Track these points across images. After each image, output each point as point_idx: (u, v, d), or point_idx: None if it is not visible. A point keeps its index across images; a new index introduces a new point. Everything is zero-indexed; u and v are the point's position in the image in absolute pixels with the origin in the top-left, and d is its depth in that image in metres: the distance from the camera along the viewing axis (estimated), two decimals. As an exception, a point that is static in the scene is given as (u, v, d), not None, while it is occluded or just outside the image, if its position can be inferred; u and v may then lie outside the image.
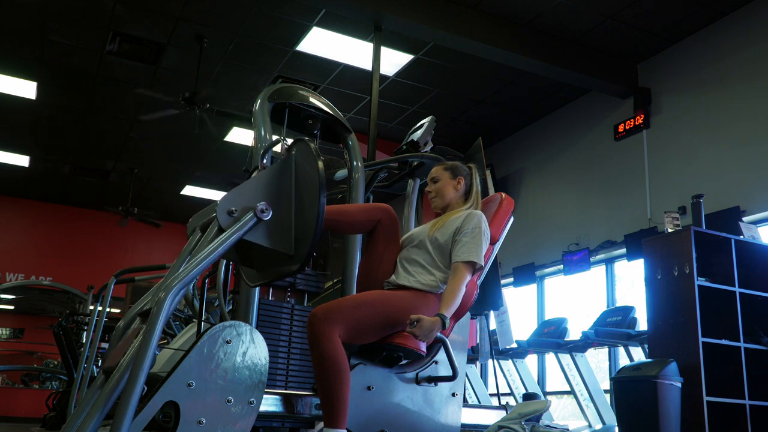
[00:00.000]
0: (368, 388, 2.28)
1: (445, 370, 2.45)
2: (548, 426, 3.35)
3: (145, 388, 1.62)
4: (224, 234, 1.82)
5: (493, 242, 2.52)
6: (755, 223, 5.30)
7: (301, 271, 1.96)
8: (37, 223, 11.27)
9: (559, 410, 7.12)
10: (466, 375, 5.55)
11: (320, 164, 1.92)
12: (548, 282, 7.68)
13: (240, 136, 8.52)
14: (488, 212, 2.62)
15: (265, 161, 2.19)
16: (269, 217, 1.86)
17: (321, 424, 2.13)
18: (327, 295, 3.04)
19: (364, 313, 2.17)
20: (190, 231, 2.05)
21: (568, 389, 5.54)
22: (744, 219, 5.15)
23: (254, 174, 1.99)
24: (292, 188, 1.99)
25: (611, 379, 5.07)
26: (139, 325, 1.84)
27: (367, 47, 6.30)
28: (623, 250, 6.43)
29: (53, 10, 6.14)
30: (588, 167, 7.20)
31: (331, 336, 2.06)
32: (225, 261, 3.34)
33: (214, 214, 1.86)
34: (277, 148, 2.24)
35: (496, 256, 2.70)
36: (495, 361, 4.69)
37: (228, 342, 1.85)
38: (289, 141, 2.11)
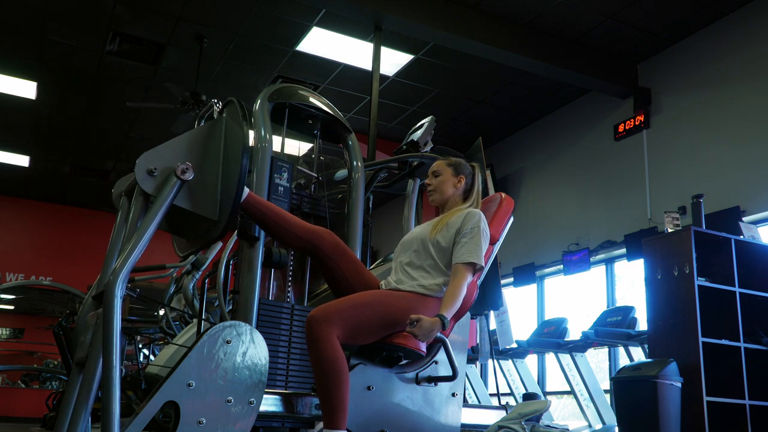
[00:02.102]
0: (368, 388, 2.28)
1: (445, 370, 2.45)
2: (548, 426, 3.35)
3: (123, 370, 1.59)
4: (155, 202, 1.73)
5: (493, 242, 2.52)
6: (755, 223, 5.30)
7: (222, 237, 1.88)
8: (37, 223, 11.26)
9: (559, 410, 7.12)
10: (466, 375, 5.55)
11: (246, 126, 1.85)
12: (548, 282, 7.68)
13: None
14: (488, 212, 2.62)
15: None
16: (191, 177, 1.77)
17: (321, 425, 2.13)
18: (327, 296, 3.04)
19: (362, 313, 2.17)
20: (115, 197, 1.98)
21: (568, 389, 5.54)
22: (744, 219, 5.15)
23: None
24: (220, 151, 1.91)
25: (611, 379, 5.07)
26: (94, 310, 1.80)
27: (367, 47, 6.30)
28: (623, 250, 6.43)
29: (53, 10, 6.14)
30: (588, 167, 7.20)
31: (329, 337, 2.06)
32: (225, 260, 3.34)
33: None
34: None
35: (496, 256, 2.70)
36: (495, 361, 4.69)
37: (228, 342, 1.85)
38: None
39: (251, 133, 1.88)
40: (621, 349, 5.63)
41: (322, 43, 6.51)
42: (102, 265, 2.08)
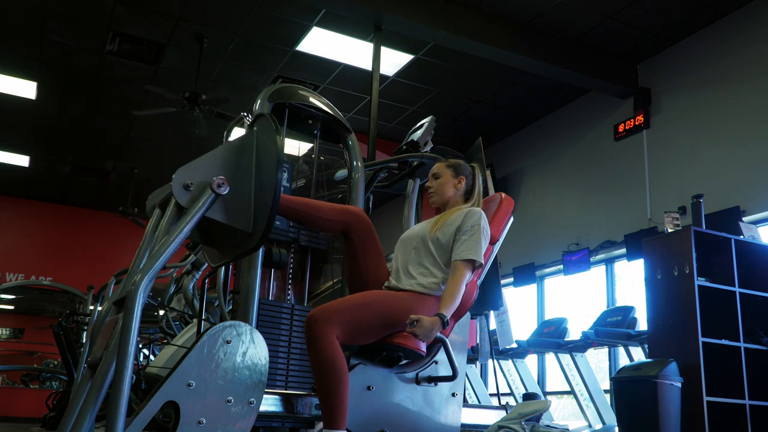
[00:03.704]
0: (368, 388, 2.28)
1: (445, 370, 2.45)
2: (548, 426, 3.35)
3: (134, 377, 1.60)
4: (186, 213, 1.77)
5: (493, 242, 2.52)
6: (755, 223, 5.30)
7: (257, 249, 1.91)
8: (37, 223, 11.26)
9: (559, 410, 7.12)
10: (466, 375, 5.55)
11: (279, 139, 1.88)
12: (548, 282, 7.68)
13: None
14: (488, 212, 2.62)
15: (229, 140, 2.15)
16: (226, 191, 1.81)
17: (321, 425, 2.13)
18: (327, 296, 3.04)
19: (362, 313, 2.17)
20: (149, 209, 2.01)
21: (568, 389, 5.53)
22: (744, 219, 5.15)
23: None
24: (252, 164, 1.93)
25: (611, 379, 5.07)
26: (115, 315, 1.82)
27: (367, 47, 6.30)
28: (623, 250, 6.43)
29: (53, 10, 6.14)
30: (588, 167, 7.20)
31: (328, 337, 2.06)
32: (225, 261, 3.34)
33: (171, 191, 1.82)
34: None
35: (496, 256, 2.70)
36: (495, 361, 4.69)
37: (228, 342, 1.85)
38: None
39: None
40: (621, 349, 5.63)
41: (322, 43, 6.51)
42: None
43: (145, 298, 1.66)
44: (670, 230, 4.34)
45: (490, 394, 6.64)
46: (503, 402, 4.84)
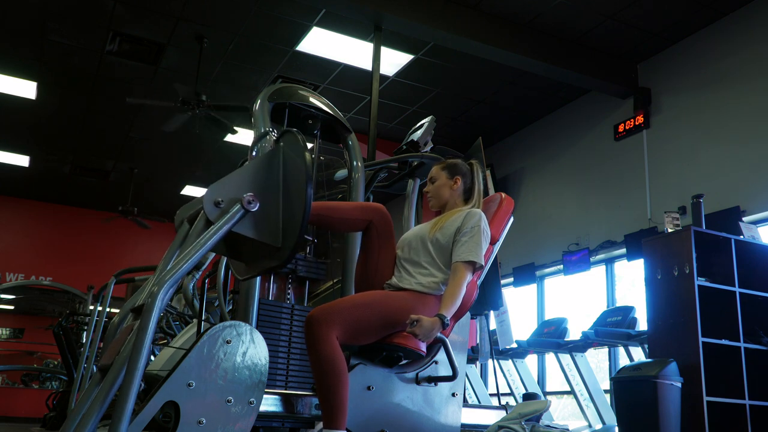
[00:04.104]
0: (368, 388, 2.28)
1: (445, 370, 2.44)
2: (548, 426, 3.35)
3: (143, 385, 1.61)
4: (213, 227, 1.80)
5: (493, 242, 2.52)
6: (755, 223, 5.30)
7: (288, 264, 1.95)
8: (37, 223, 11.27)
9: (559, 410, 7.12)
10: (466, 375, 5.55)
11: (307, 155, 1.90)
12: (548, 282, 7.68)
13: (240, 136, 8.51)
14: (488, 212, 2.62)
15: (254, 154, 2.18)
16: (256, 208, 1.84)
17: (321, 425, 2.13)
18: (327, 296, 3.04)
19: (362, 313, 2.17)
20: (177, 224, 2.03)
21: (568, 389, 5.53)
22: (744, 219, 5.15)
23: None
24: (279, 179, 1.96)
25: (611, 379, 5.07)
26: (132, 321, 1.83)
27: (367, 47, 6.30)
28: (623, 250, 6.43)
29: (53, 10, 6.14)
30: (588, 167, 7.20)
31: (328, 338, 2.06)
32: (225, 261, 3.34)
33: (201, 206, 1.85)
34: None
35: (496, 256, 2.70)
36: (495, 361, 4.69)
37: (228, 342, 1.85)
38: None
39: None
40: (621, 349, 5.63)
41: (322, 43, 6.51)
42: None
43: (162, 308, 1.69)
44: (670, 230, 4.34)
45: (490, 394, 6.64)
46: (503, 402, 4.84)
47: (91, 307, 6.63)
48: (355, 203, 2.47)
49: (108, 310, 5.10)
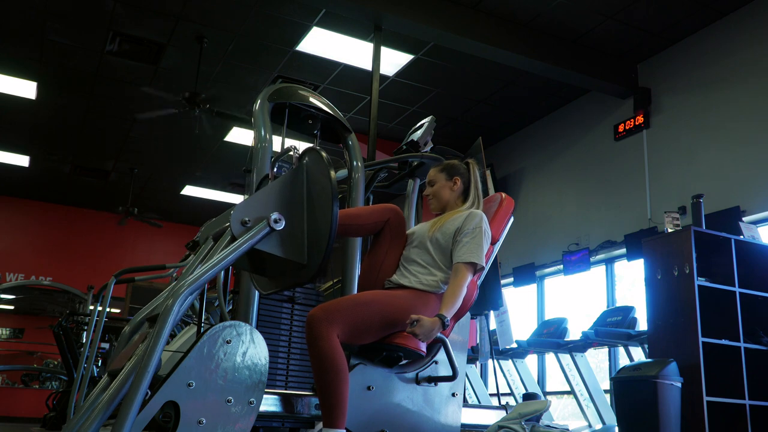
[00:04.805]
0: (368, 388, 2.28)
1: (445, 370, 2.45)
2: (548, 426, 3.35)
3: (149, 393, 1.63)
4: (235, 242, 1.82)
5: (493, 242, 2.52)
6: (755, 223, 5.30)
7: (316, 280, 1.99)
8: (37, 223, 11.26)
9: (559, 410, 7.12)
10: (466, 375, 5.55)
11: (332, 173, 1.92)
12: (548, 282, 7.68)
13: (240, 136, 8.52)
14: (488, 212, 2.62)
15: (275, 170, 2.19)
16: (282, 227, 1.87)
17: (321, 424, 2.13)
18: (327, 296, 3.04)
19: (363, 312, 2.17)
20: (203, 240, 2.06)
21: (568, 389, 5.54)
22: (744, 219, 5.15)
23: (263, 183, 1.99)
24: (303, 197, 1.99)
25: (611, 379, 5.07)
26: (147, 330, 1.86)
27: (367, 47, 6.30)
28: (623, 250, 6.43)
29: (53, 10, 6.14)
30: (588, 167, 7.20)
31: (329, 336, 2.06)
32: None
33: (228, 224, 1.87)
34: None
35: (496, 256, 2.70)
36: (495, 361, 4.69)
37: (228, 342, 1.85)
38: (300, 149, 2.11)
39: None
40: (621, 349, 5.63)
41: (322, 43, 6.51)
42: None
43: (178, 318, 1.71)
44: (670, 230, 4.34)
45: (490, 394, 6.64)
46: (503, 402, 4.84)
47: (91, 307, 6.63)
48: (370, 208, 2.48)
49: (108, 310, 5.10)
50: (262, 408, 2.20)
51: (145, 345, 1.67)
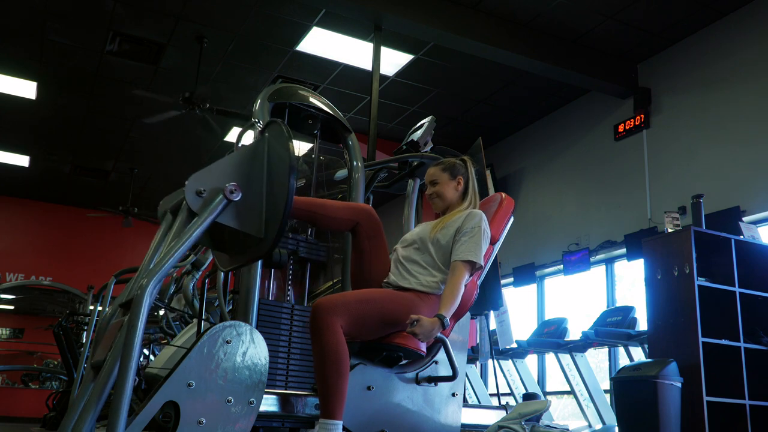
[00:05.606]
0: (368, 388, 2.29)
1: (445, 370, 2.45)
2: (548, 426, 3.35)
3: (137, 379, 1.61)
4: (197, 218, 1.79)
5: (493, 242, 2.52)
6: (755, 223, 5.30)
7: (270, 254, 1.95)
8: (37, 223, 11.27)
9: (559, 410, 7.12)
10: (466, 375, 5.55)
11: (291, 146, 1.89)
12: (548, 282, 7.68)
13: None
14: (488, 212, 2.62)
15: (240, 145, 2.16)
16: (238, 198, 1.83)
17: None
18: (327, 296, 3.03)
19: (366, 308, 2.18)
20: (161, 214, 2.03)
21: (568, 389, 5.53)
22: (744, 219, 5.15)
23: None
24: (263, 170, 1.95)
25: (611, 379, 5.07)
26: (122, 316, 1.82)
27: (367, 47, 6.30)
28: (623, 250, 6.43)
29: (53, 10, 6.14)
30: (588, 167, 7.20)
31: (334, 327, 2.07)
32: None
33: (184, 196, 1.84)
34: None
35: (496, 256, 2.70)
36: (495, 361, 4.69)
37: (228, 342, 1.85)
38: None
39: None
40: (621, 349, 5.63)
41: (322, 43, 6.51)
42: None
43: (151, 302, 1.67)
44: (670, 230, 4.34)
45: (490, 394, 6.64)
46: (503, 402, 4.84)
47: (91, 307, 6.63)
48: (344, 203, 2.47)
49: (108, 310, 5.10)
50: (262, 408, 2.20)
51: (123, 335, 1.64)
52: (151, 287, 1.67)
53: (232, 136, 8.53)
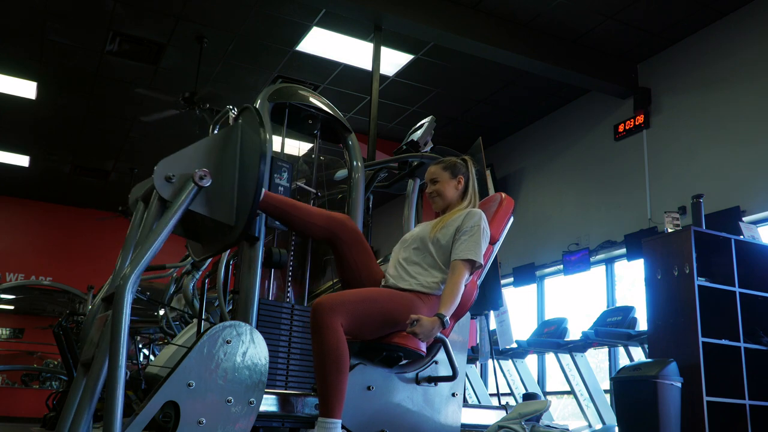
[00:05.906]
0: (368, 388, 2.28)
1: (445, 370, 2.45)
2: (548, 426, 3.34)
3: (129, 374, 1.60)
4: (171, 207, 1.76)
5: (493, 242, 2.52)
6: (755, 223, 5.30)
7: (240, 242, 1.91)
8: (37, 223, 11.27)
9: (559, 410, 7.12)
10: (466, 375, 5.55)
11: (263, 132, 1.86)
12: (548, 282, 7.68)
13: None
14: (488, 212, 2.62)
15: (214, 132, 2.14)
16: (208, 184, 1.80)
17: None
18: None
19: (367, 308, 2.18)
20: (132, 202, 2.00)
21: (568, 389, 5.53)
22: (744, 219, 5.15)
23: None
24: (236, 157, 1.92)
25: (611, 379, 5.07)
26: (104, 312, 1.81)
27: (367, 47, 6.30)
28: (623, 250, 6.43)
29: (53, 10, 6.14)
30: (588, 167, 7.20)
31: (334, 326, 2.06)
32: (224, 260, 3.34)
33: (153, 184, 1.81)
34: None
35: (496, 256, 2.70)
36: (495, 361, 4.69)
37: (228, 342, 1.85)
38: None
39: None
40: (621, 349, 5.63)
41: (322, 43, 6.51)
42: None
43: (134, 294, 1.65)
44: (670, 230, 4.34)
45: (490, 394, 6.64)
46: (503, 402, 4.84)
47: (91, 307, 6.62)
48: (321, 210, 2.43)
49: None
50: (262, 408, 2.20)
51: (108, 331, 1.63)
52: (132, 280, 1.65)
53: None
